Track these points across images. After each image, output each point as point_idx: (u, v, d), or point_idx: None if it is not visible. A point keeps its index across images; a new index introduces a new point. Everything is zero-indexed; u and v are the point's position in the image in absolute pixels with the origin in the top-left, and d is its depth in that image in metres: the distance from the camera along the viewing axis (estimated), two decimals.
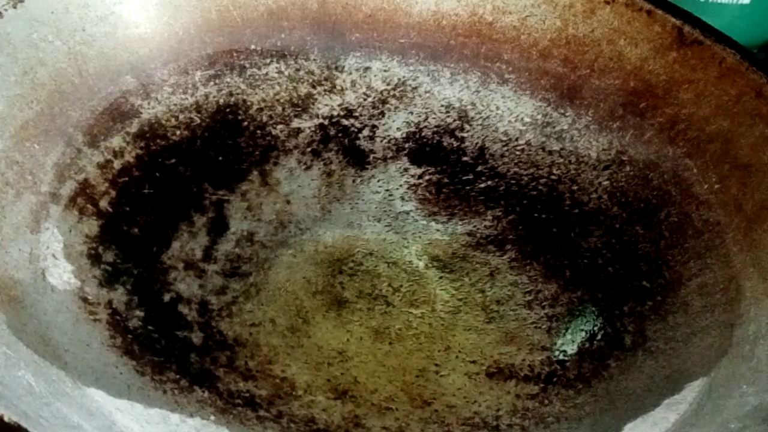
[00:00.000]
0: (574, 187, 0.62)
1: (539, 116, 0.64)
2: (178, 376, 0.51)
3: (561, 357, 0.54)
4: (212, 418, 0.49)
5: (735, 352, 0.48)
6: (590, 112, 0.63)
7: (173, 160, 0.62)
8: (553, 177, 0.63)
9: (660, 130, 0.60)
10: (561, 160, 0.63)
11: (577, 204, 0.62)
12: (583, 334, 0.55)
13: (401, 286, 0.59)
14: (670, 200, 0.58)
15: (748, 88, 0.57)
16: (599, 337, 0.55)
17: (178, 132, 0.63)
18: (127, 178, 0.60)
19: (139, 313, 0.54)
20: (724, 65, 0.58)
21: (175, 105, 0.63)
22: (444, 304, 0.58)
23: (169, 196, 0.61)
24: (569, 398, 0.51)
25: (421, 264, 0.61)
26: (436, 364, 0.54)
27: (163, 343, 0.53)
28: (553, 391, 0.52)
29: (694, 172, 0.58)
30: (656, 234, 0.57)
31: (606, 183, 0.61)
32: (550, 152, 0.64)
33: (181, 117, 0.63)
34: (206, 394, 0.50)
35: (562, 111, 0.64)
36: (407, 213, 0.63)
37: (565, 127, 0.64)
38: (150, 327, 0.53)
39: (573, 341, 0.55)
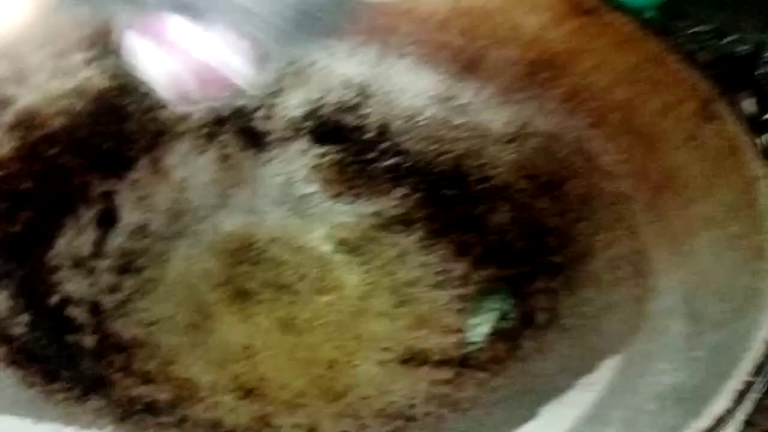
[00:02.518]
0: (480, 162, 0.61)
1: (441, 90, 0.63)
2: (69, 385, 0.48)
3: (474, 338, 0.54)
4: (110, 427, 0.47)
5: (648, 327, 0.48)
6: (492, 85, 0.62)
7: (55, 151, 0.58)
8: (458, 152, 0.62)
9: (562, 101, 0.60)
10: (465, 134, 0.62)
11: (483, 179, 0.61)
12: (496, 313, 0.55)
13: (307, 272, 0.58)
14: (576, 172, 0.58)
15: (647, 56, 0.57)
16: (512, 315, 0.54)
17: (58, 120, 0.59)
18: (4, 173, 0.56)
19: (24, 318, 0.51)
20: (622, 33, 0.58)
21: (53, 91, 0.59)
22: (353, 290, 0.57)
23: (52, 189, 0.57)
24: (484, 382, 0.51)
25: (328, 248, 0.60)
26: (348, 354, 0.53)
27: (52, 350, 0.50)
28: (468, 375, 0.51)
29: (598, 142, 0.58)
30: (563, 207, 0.57)
31: (511, 156, 0.61)
32: (454, 127, 0.63)
33: (60, 104, 0.59)
34: (102, 403, 0.48)
35: (464, 84, 0.63)
36: (310, 195, 0.62)
37: (468, 101, 0.63)
38: (37, 333, 0.51)
39: (486, 321, 0.54)
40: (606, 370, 0.46)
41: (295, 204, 0.61)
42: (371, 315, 0.55)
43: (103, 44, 0.60)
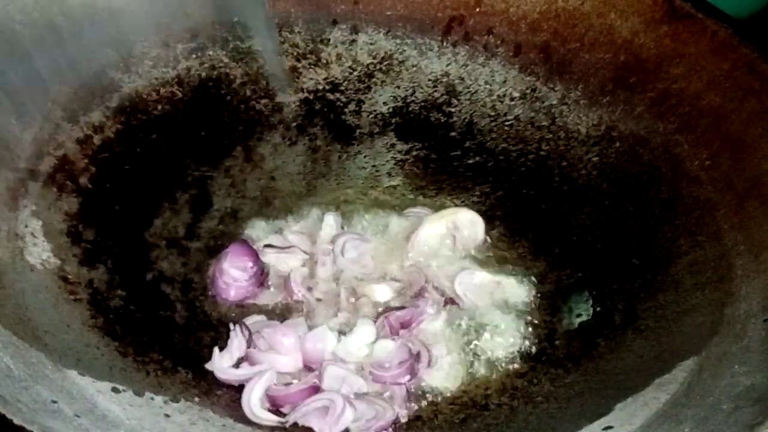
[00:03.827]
0: (564, 163, 0.61)
1: (528, 91, 0.64)
2: (161, 357, 0.51)
3: (550, 335, 0.54)
4: (197, 399, 0.48)
5: (726, 331, 0.48)
6: (580, 87, 0.62)
7: (155, 136, 0.61)
8: (542, 153, 0.62)
9: (650, 105, 0.59)
10: (550, 136, 0.63)
11: (567, 180, 0.61)
12: (572, 312, 0.55)
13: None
14: (661, 177, 0.57)
15: (740, 63, 0.56)
16: (589, 315, 0.54)
17: (159, 106, 0.62)
18: (107, 154, 0.59)
19: (120, 292, 0.53)
20: (716, 40, 0.57)
21: (156, 79, 0.62)
22: None
23: (150, 172, 0.60)
24: (558, 377, 0.51)
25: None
26: None
27: (145, 323, 0.52)
28: (542, 370, 0.52)
29: (685, 148, 0.57)
30: (646, 211, 0.57)
31: (596, 159, 0.61)
32: (539, 128, 0.63)
33: (162, 91, 0.62)
34: (190, 375, 0.50)
35: (552, 86, 0.63)
36: (394, 188, 0.63)
37: (555, 102, 0.63)
38: (132, 306, 0.53)
39: (562, 319, 0.55)
40: (682, 371, 0.46)
41: (379, 195, 0.62)
42: None
43: (204, 36, 0.63)
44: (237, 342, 0.50)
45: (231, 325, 0.51)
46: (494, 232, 0.60)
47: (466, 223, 0.58)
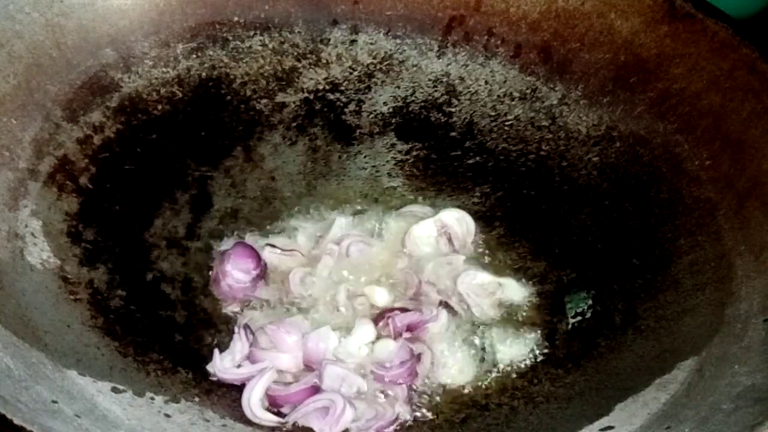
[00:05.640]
0: (564, 164, 0.62)
1: (528, 91, 0.64)
2: (161, 357, 0.51)
3: (550, 335, 0.54)
4: (197, 399, 0.48)
5: (726, 331, 0.48)
6: (580, 87, 0.62)
7: (155, 136, 0.61)
8: (542, 153, 0.62)
9: (651, 105, 0.59)
10: (550, 136, 0.63)
11: (567, 180, 0.61)
12: (572, 312, 0.55)
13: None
14: (661, 177, 0.57)
15: (740, 62, 0.56)
16: (588, 315, 0.54)
17: (159, 106, 0.62)
18: (107, 154, 0.59)
19: (120, 292, 0.53)
20: (717, 40, 0.57)
21: (156, 79, 0.62)
22: None
23: (150, 172, 0.60)
24: (558, 377, 0.51)
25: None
26: None
27: (145, 323, 0.52)
28: (542, 370, 0.52)
29: (685, 148, 0.57)
30: (646, 211, 0.57)
31: (596, 159, 0.61)
32: (540, 128, 0.63)
33: (162, 91, 0.62)
34: (190, 375, 0.50)
35: (552, 86, 0.63)
36: (394, 189, 0.63)
37: (555, 102, 0.63)
38: (132, 306, 0.53)
39: (562, 319, 0.55)
40: (682, 371, 0.46)
41: (379, 196, 0.62)
42: None
43: (204, 36, 0.63)
44: (240, 345, 0.50)
45: (235, 328, 0.51)
46: (494, 232, 0.60)
47: (454, 221, 0.58)
